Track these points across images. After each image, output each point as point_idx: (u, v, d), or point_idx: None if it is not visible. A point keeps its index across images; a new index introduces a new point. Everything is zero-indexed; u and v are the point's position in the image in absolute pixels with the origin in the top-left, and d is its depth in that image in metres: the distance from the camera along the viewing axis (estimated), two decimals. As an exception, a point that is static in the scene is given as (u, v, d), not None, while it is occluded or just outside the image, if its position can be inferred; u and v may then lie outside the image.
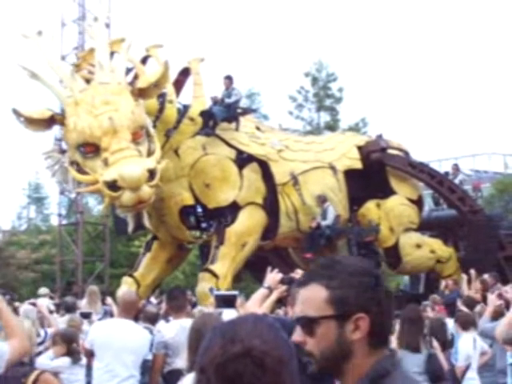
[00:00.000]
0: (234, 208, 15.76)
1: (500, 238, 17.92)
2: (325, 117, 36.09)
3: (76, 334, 7.17)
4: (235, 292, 12.16)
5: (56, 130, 16.14)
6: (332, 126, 33.04)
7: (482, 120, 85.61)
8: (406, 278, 24.00)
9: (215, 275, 14.99)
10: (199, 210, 16.31)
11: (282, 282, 6.11)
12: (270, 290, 6.11)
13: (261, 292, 6.08)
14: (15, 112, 13.16)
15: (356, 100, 59.80)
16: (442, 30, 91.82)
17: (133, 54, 15.39)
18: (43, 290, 16.20)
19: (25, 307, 8.98)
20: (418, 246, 17.67)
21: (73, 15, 28.99)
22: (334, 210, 16.86)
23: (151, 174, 12.69)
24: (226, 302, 10.50)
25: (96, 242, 30.91)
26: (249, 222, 15.80)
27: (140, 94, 13.63)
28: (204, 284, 14.75)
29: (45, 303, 10.87)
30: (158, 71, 13.89)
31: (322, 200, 16.80)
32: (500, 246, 17.78)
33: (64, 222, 31.13)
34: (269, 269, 6.36)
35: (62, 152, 13.96)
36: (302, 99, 36.03)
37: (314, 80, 35.68)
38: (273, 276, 6.14)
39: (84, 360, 7.69)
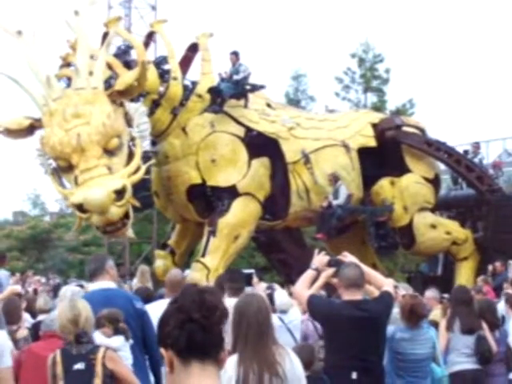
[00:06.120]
0: (231, 193, 15.27)
1: (519, 218, 17.17)
2: (372, 98, 35.43)
3: (120, 314, 7.04)
4: (251, 270, 12.22)
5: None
6: (379, 108, 32.21)
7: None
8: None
9: (206, 267, 14.68)
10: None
11: (329, 264, 6.17)
12: (318, 271, 6.17)
13: (309, 273, 6.17)
14: None
15: (403, 81, 58.82)
16: (489, 9, 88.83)
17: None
18: None
19: (72, 288, 8.86)
20: (433, 227, 16.97)
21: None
22: (347, 189, 16.40)
23: (119, 193, 12.30)
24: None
25: (143, 223, 31.00)
26: (242, 214, 15.25)
27: (119, 95, 13.12)
28: (194, 274, 14.50)
29: None
30: (135, 71, 13.20)
31: (334, 179, 16.35)
32: (519, 226, 17.03)
33: (111, 203, 31.28)
34: (316, 251, 6.42)
35: None
36: (348, 80, 35.41)
37: (361, 61, 35.01)
38: (320, 258, 6.21)
39: (131, 339, 7.61)
